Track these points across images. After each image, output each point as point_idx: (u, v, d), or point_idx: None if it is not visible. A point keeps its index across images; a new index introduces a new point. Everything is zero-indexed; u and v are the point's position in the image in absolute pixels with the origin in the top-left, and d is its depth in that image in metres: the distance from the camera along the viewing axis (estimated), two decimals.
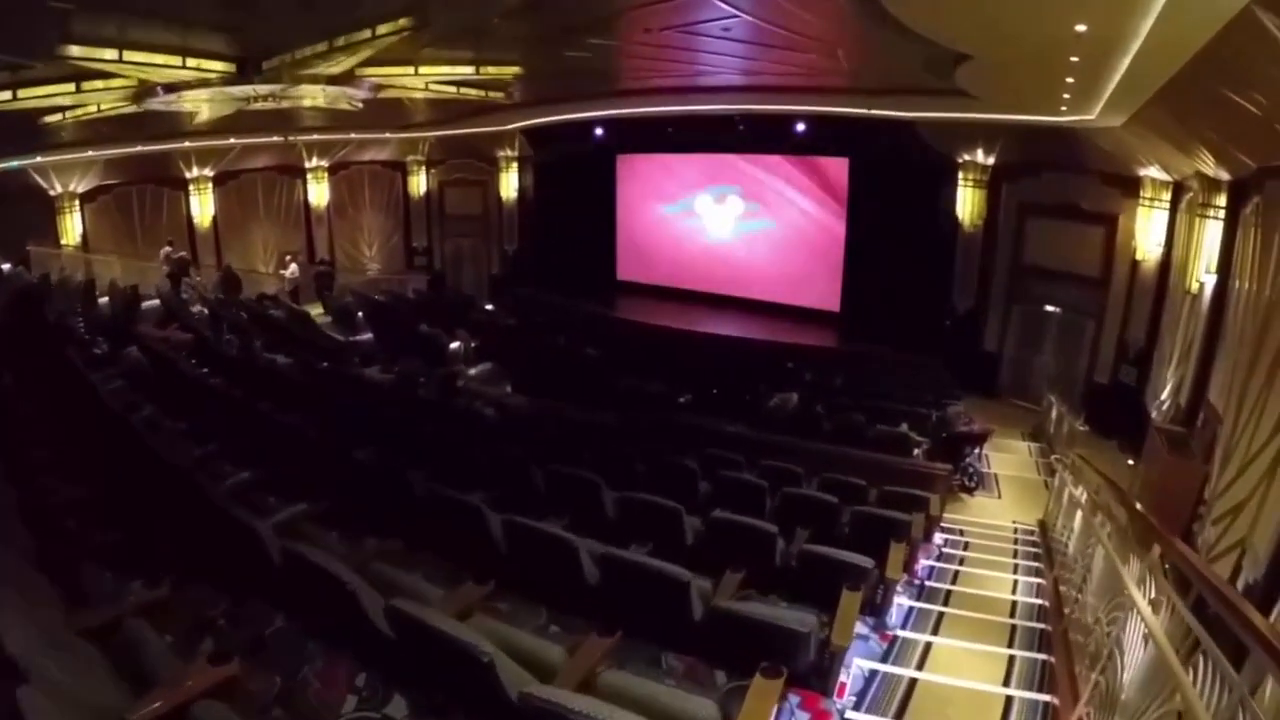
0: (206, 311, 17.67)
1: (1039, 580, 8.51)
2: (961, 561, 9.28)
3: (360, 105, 16.77)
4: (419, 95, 15.73)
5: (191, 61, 12.09)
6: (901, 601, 7.28)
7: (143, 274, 20.26)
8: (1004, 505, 12.28)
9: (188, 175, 22.70)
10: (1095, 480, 9.32)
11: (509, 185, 26.31)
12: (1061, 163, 16.08)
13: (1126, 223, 15.30)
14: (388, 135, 24.72)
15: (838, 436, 12.61)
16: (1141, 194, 14.77)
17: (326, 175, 25.22)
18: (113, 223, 21.75)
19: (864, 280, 20.44)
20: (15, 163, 18.89)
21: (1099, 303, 16.08)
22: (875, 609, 6.50)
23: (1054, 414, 14.93)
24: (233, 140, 21.82)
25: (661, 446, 10.22)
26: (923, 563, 8.89)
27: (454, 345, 17.58)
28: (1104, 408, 15.41)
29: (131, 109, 14.41)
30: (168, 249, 21.50)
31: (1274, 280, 8.91)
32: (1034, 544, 10.10)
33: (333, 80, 13.35)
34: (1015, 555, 9.77)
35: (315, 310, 21.04)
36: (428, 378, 14.10)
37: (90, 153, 19.85)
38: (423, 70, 13.76)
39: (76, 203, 20.86)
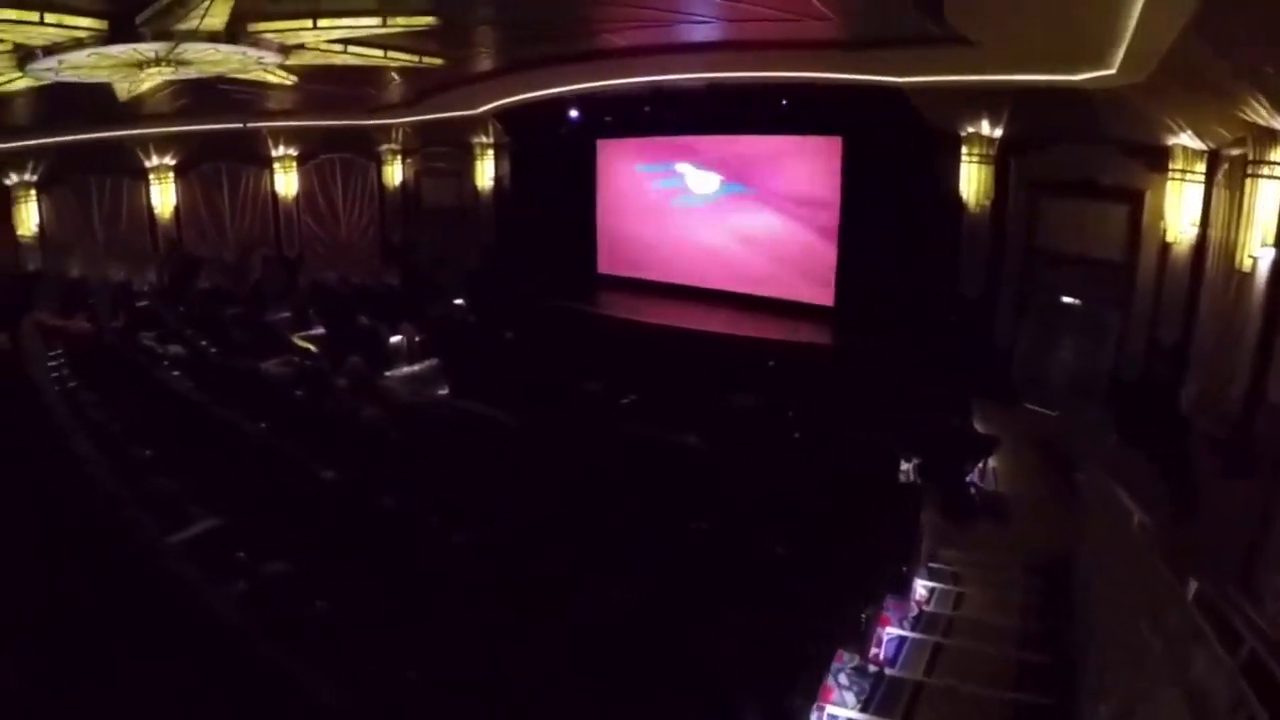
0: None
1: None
2: (949, 628, 6.63)
3: (290, 78, 15.40)
4: (340, 61, 13.74)
5: (51, 18, 10.57)
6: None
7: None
8: (1012, 535, 9.67)
9: (147, 164, 21.01)
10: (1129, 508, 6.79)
11: (485, 175, 24.15)
12: (1077, 133, 13.64)
13: (1154, 200, 12.87)
14: (358, 122, 22.65)
15: (807, 448, 10.32)
16: (1171, 166, 12.31)
17: (295, 165, 23.15)
18: (71, 213, 20.31)
19: (860, 272, 17.89)
20: None
21: (1124, 291, 13.56)
22: None
23: (1074, 420, 12.54)
24: (192, 127, 20.33)
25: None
26: (889, 633, 6.32)
27: (395, 339, 16.42)
28: (1132, 412, 12.76)
29: (30, 84, 13.47)
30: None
31: None
32: (1049, 590, 7.46)
33: (225, 38, 11.56)
34: (1025, 614, 7.11)
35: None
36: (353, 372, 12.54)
37: (38, 140, 18.74)
38: (322, 23, 11.69)
39: (32, 193, 19.49)
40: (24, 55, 11.80)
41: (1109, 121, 12.75)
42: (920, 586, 7.45)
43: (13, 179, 19.11)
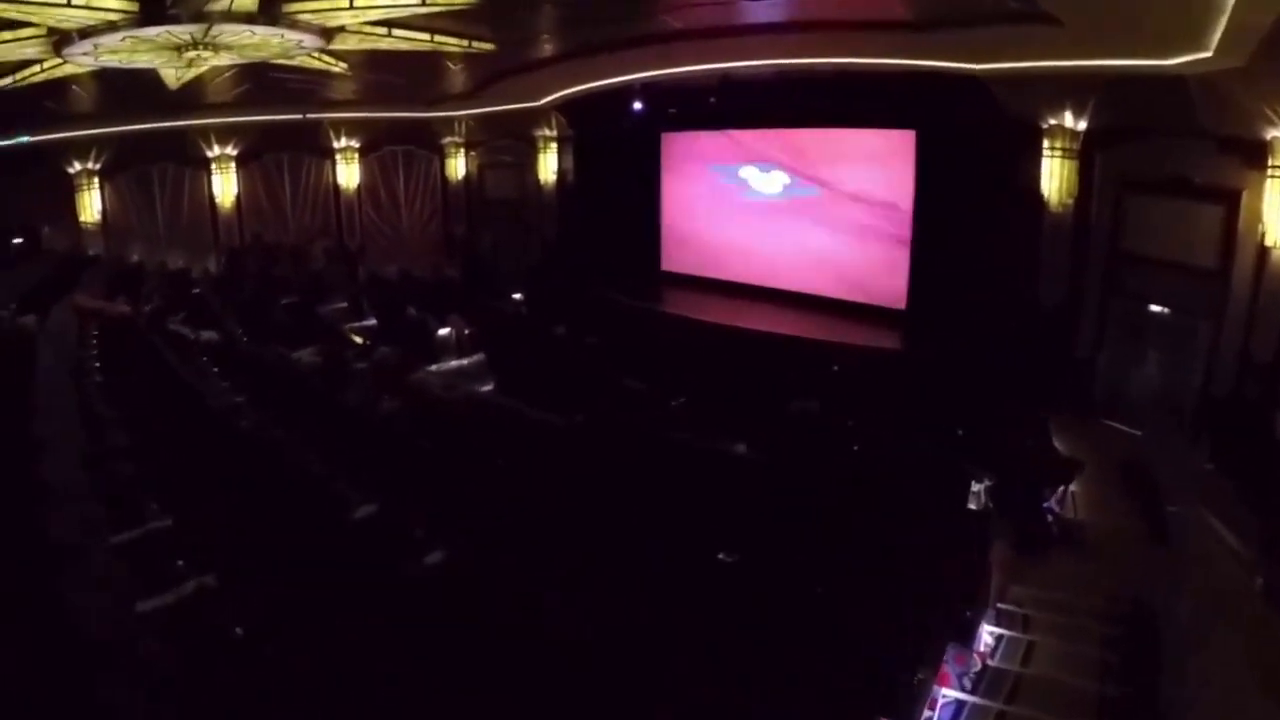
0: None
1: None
2: (1015, 691, 5.59)
3: (340, 65, 15.00)
4: (387, 45, 13.20)
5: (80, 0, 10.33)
6: None
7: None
8: (1094, 573, 8.46)
9: (209, 154, 20.96)
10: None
11: (547, 168, 23.37)
12: (1168, 126, 12.39)
13: (1251, 200, 11.57)
14: (420, 114, 22.33)
15: (866, 462, 9.35)
16: (1271, 163, 11.07)
17: (357, 156, 22.94)
18: (133, 201, 20.43)
19: (934, 274, 16.67)
20: (25, 137, 17.86)
21: (1216, 301, 12.23)
22: None
23: (1160, 441, 11.24)
24: (253, 118, 20.46)
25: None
26: (945, 696, 5.32)
27: (443, 332, 15.83)
28: (1223, 433, 11.50)
29: (74, 70, 13.32)
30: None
31: None
32: (1135, 643, 6.38)
33: (261, 19, 11.08)
34: (1105, 673, 6.02)
35: None
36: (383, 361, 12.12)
37: (101, 129, 18.84)
38: (359, 3, 11.08)
39: (95, 180, 19.64)
40: (60, 39, 11.54)
41: (1203, 113, 11.53)
42: (985, 633, 6.40)
43: (76, 167, 19.19)
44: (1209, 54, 9.25)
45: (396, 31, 12.66)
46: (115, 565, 4.64)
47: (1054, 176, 14.11)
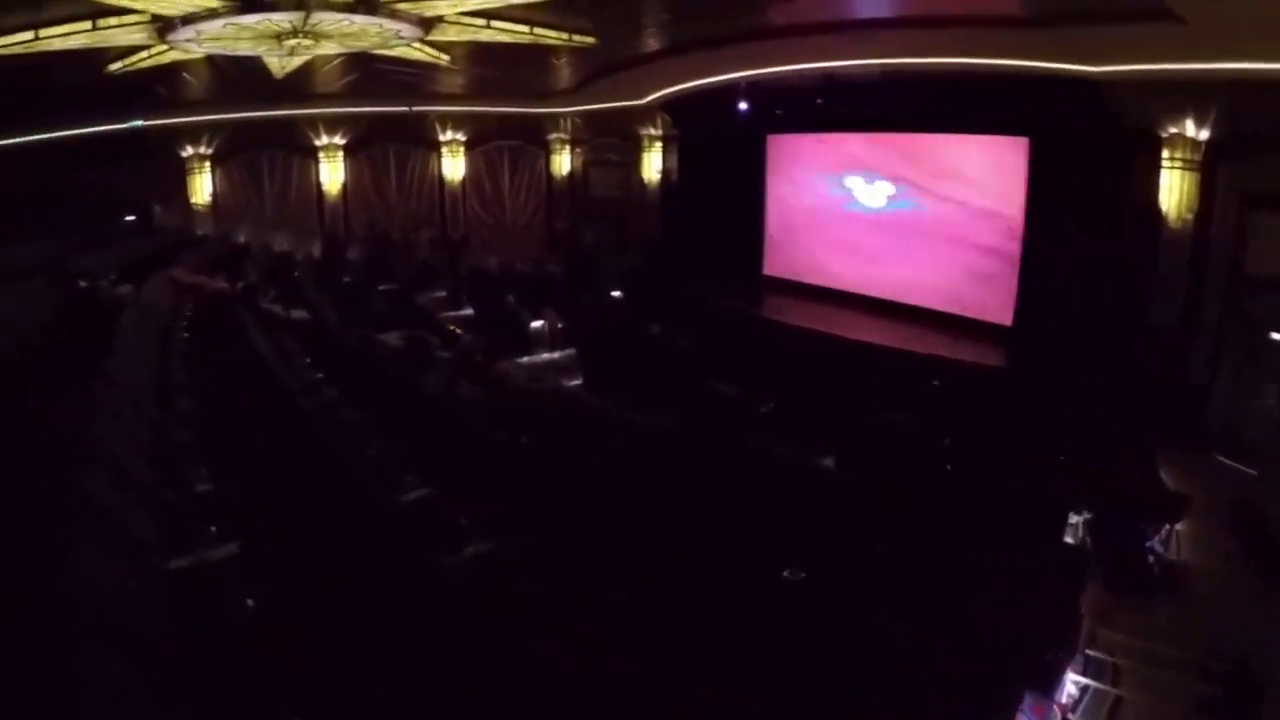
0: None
1: None
2: None
3: (442, 57, 15.14)
4: (486, 37, 13.20)
5: None
6: None
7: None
8: (1194, 623, 7.72)
9: (317, 143, 21.49)
10: None
11: (652, 167, 23.15)
12: None
13: None
14: (526, 110, 22.70)
15: (958, 484, 8.77)
16: None
17: (463, 150, 23.23)
18: (242, 185, 21.06)
19: (1044, 289, 15.73)
20: (139, 122, 18.60)
21: None
22: None
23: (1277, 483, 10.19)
24: (361, 109, 21.17)
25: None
26: None
27: (536, 324, 15.98)
28: None
29: (179, 57, 13.74)
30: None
31: None
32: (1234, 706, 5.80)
33: (361, 9, 11.25)
34: None
35: None
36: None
37: (214, 116, 19.67)
38: None
39: (207, 165, 20.31)
40: (163, 25, 11.82)
41: None
42: (1070, 682, 5.90)
43: (189, 151, 19.85)
44: None
45: (495, 23, 12.65)
46: (148, 527, 4.56)
47: (1173, 190, 13.28)
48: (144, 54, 13.47)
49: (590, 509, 6.06)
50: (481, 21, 12.43)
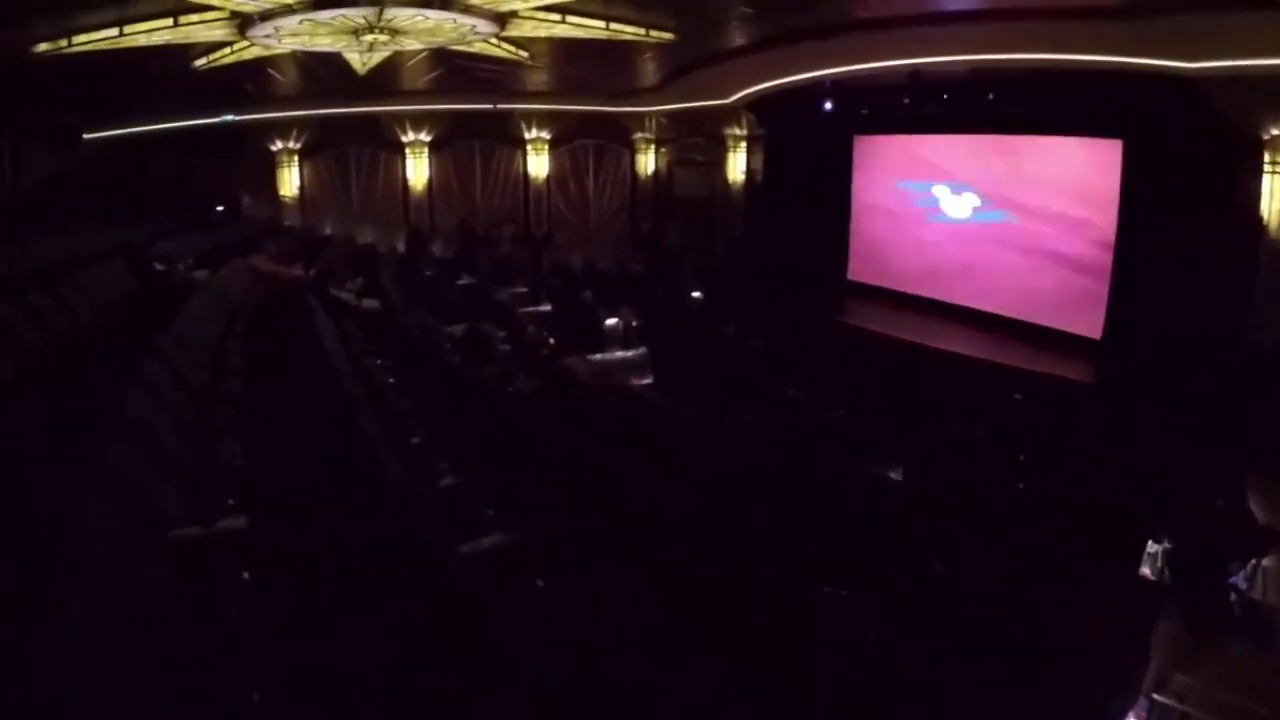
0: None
1: None
2: None
3: (521, 54, 15.27)
4: (562, 32, 13.22)
5: None
6: None
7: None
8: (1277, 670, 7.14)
9: (403, 139, 21.87)
10: None
11: (736, 167, 22.92)
12: None
13: None
14: (611, 109, 22.86)
15: (1030, 503, 8.33)
16: None
17: (548, 148, 23.41)
18: (329, 179, 21.68)
19: (1137, 302, 14.95)
20: (230, 117, 19.36)
21: None
22: None
23: None
24: (446, 106, 21.58)
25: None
26: None
27: (610, 322, 15.74)
28: None
29: (261, 53, 14.10)
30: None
31: None
32: None
33: (436, 4, 11.44)
34: None
35: None
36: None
37: (303, 111, 20.29)
38: None
39: (295, 159, 20.98)
40: (242, 21, 12.08)
41: None
42: None
43: (277, 145, 20.50)
44: None
45: (570, 18, 12.62)
46: (170, 497, 4.58)
47: (1275, 197, 12.58)
48: (227, 50, 13.85)
49: (624, 508, 5.88)
50: (556, 16, 12.40)
